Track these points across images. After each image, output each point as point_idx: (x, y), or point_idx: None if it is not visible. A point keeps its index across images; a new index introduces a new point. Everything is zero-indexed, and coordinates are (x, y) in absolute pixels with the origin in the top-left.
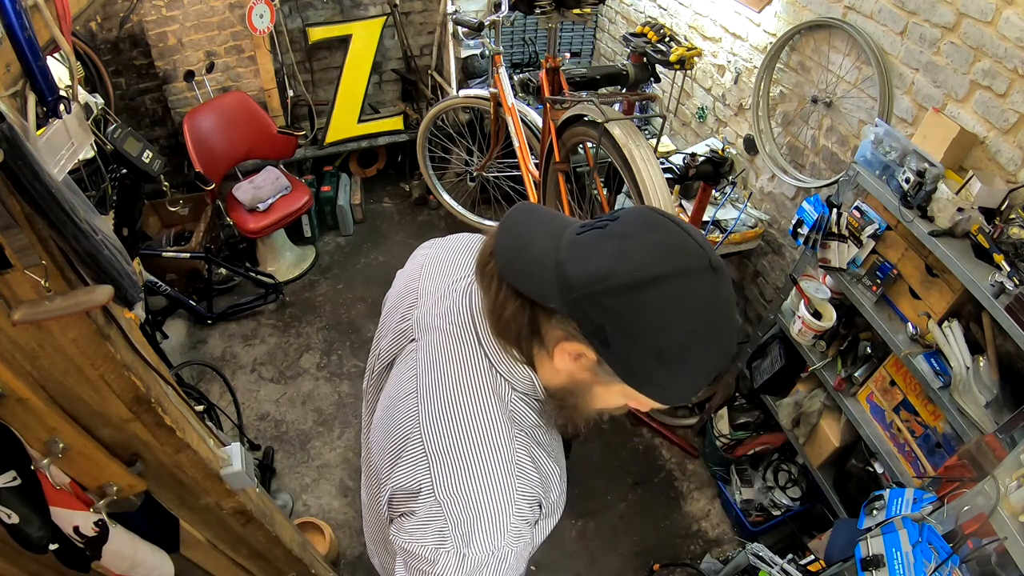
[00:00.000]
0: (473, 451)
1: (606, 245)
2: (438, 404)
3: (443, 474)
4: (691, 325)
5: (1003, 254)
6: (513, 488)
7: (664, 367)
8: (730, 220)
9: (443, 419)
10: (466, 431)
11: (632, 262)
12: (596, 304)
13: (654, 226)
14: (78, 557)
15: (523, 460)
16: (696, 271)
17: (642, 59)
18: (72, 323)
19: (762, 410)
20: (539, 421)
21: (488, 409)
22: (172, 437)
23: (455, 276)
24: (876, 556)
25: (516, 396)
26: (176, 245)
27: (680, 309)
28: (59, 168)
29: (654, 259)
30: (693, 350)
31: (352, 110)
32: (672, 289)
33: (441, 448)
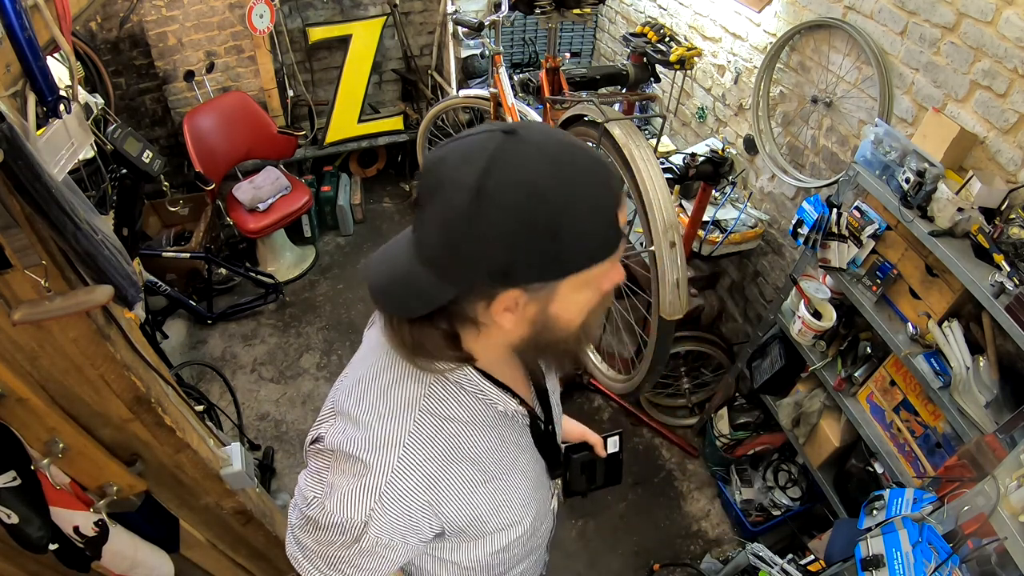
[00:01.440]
0: (367, 413)
1: (430, 211)
2: (355, 375)
3: (335, 427)
4: (540, 187)
5: (1003, 254)
6: (390, 449)
7: (562, 234)
8: (730, 220)
9: (353, 385)
10: (368, 397)
11: (457, 194)
12: (471, 255)
13: (444, 160)
14: (78, 557)
15: (413, 450)
16: (496, 149)
17: (642, 59)
18: (72, 323)
19: (762, 410)
20: (465, 415)
21: (400, 385)
22: (172, 437)
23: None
24: (876, 556)
25: (438, 384)
26: (176, 245)
27: (519, 186)
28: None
29: (465, 178)
30: (566, 199)
31: (352, 110)
32: (496, 181)
33: (342, 405)
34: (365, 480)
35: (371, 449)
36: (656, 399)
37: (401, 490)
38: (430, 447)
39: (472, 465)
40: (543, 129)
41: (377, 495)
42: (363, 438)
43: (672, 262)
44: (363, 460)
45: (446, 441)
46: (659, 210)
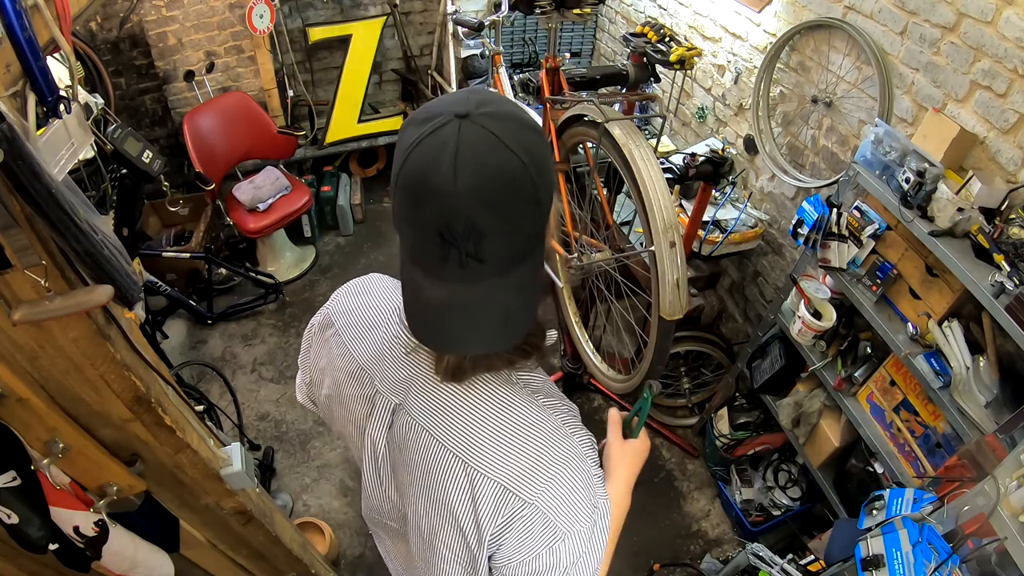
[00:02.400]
0: (522, 444)
1: (484, 226)
2: (467, 439)
3: (517, 482)
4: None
5: (1003, 254)
6: (571, 446)
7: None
8: (730, 220)
9: (483, 445)
10: (506, 436)
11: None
12: (529, 232)
13: (435, 171)
14: (78, 557)
15: (562, 415)
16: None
17: (642, 59)
18: (72, 323)
19: (762, 410)
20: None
21: (506, 399)
22: (172, 437)
23: (378, 325)
24: (876, 556)
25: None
26: (176, 245)
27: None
28: (59, 168)
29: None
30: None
31: (352, 110)
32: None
33: (498, 467)
34: (578, 485)
35: (562, 470)
36: (656, 399)
37: (596, 463)
38: (572, 420)
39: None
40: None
41: (592, 487)
42: (549, 468)
43: (672, 262)
44: (565, 482)
45: (559, 403)
46: (659, 210)
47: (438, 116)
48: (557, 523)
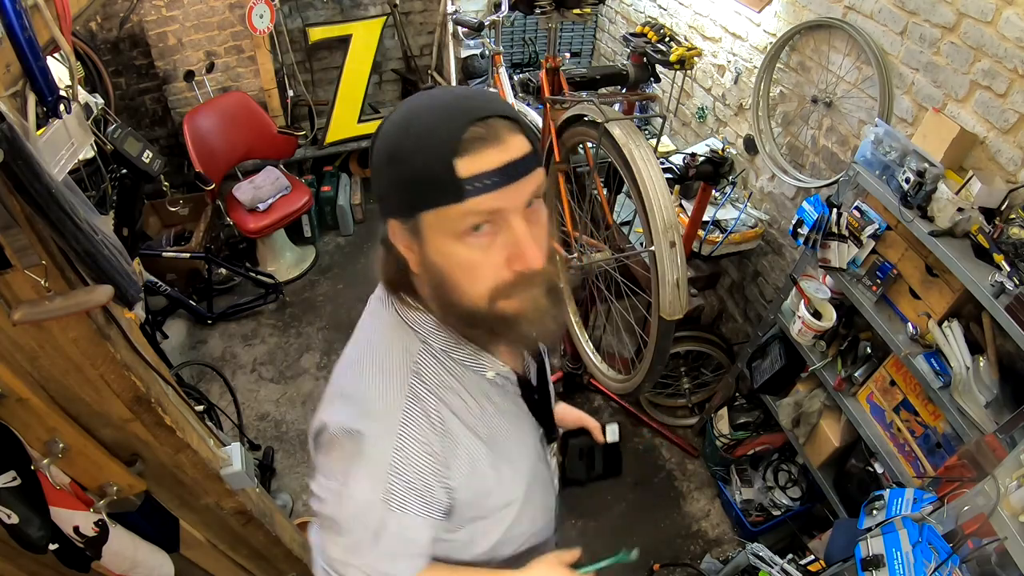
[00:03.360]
0: (363, 385)
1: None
2: (347, 358)
3: (334, 409)
4: (395, 122)
5: (1003, 254)
6: (393, 429)
7: (400, 167)
8: (730, 220)
9: (346, 367)
10: (361, 372)
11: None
12: (375, 188)
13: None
14: (78, 557)
15: (413, 412)
16: (402, 103)
17: (642, 59)
18: (72, 323)
19: (762, 410)
20: (457, 384)
21: (390, 355)
22: (172, 437)
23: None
24: (876, 556)
25: (427, 352)
26: (176, 245)
27: (390, 122)
28: (59, 168)
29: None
30: (407, 135)
31: (352, 110)
32: (387, 122)
33: (338, 388)
34: (374, 451)
35: (373, 419)
36: (656, 399)
37: (410, 454)
38: (429, 411)
39: (470, 431)
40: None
41: (388, 465)
42: (363, 410)
43: (672, 262)
44: (367, 432)
45: (439, 406)
46: (659, 210)
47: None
48: (320, 459)
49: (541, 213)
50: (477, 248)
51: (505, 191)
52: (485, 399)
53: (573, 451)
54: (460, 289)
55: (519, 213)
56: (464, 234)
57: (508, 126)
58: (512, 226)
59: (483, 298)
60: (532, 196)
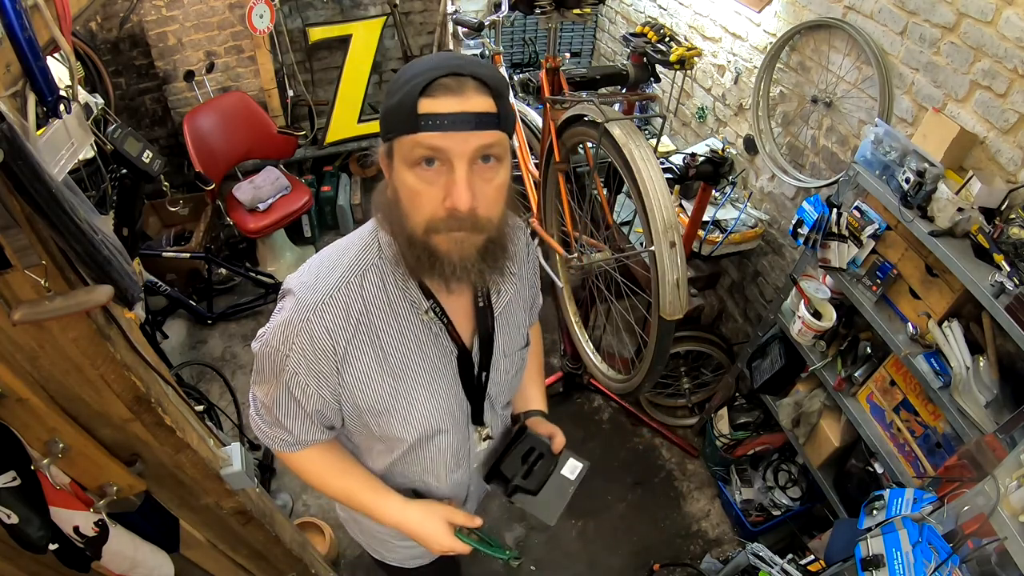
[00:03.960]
0: (315, 263)
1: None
2: (325, 247)
3: (293, 274)
4: (406, 65)
5: (1003, 254)
6: (315, 305)
7: (390, 97)
8: (730, 220)
9: (319, 252)
10: (323, 256)
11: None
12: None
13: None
14: (78, 557)
15: (337, 299)
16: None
17: (642, 59)
18: (72, 323)
19: (762, 410)
20: (389, 307)
21: (348, 252)
22: (172, 437)
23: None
24: (876, 556)
25: (378, 267)
26: (176, 245)
27: (403, 67)
28: (59, 168)
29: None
30: (402, 74)
31: (352, 110)
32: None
33: (305, 262)
34: (295, 312)
35: (305, 289)
36: (656, 399)
37: (317, 333)
38: (346, 311)
39: (378, 351)
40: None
41: (299, 327)
42: (303, 282)
43: (672, 262)
44: (297, 296)
45: (360, 315)
46: (659, 210)
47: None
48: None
49: (497, 174)
50: (423, 180)
51: (454, 136)
52: (412, 334)
53: (521, 449)
54: (405, 212)
55: (464, 159)
56: (415, 164)
57: (477, 86)
58: (454, 168)
59: (420, 226)
60: (483, 150)
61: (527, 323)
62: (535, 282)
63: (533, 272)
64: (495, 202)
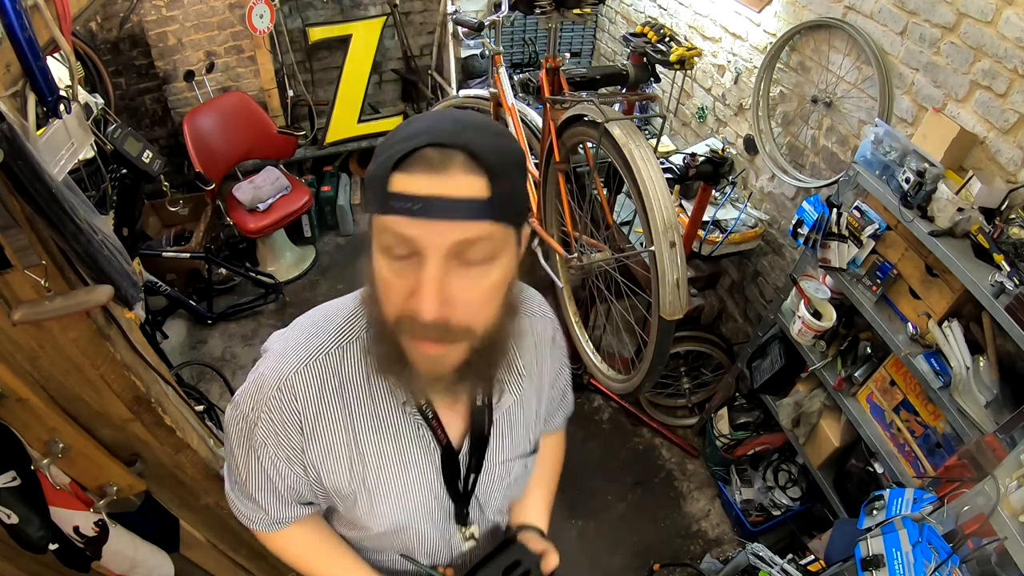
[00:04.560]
0: (299, 326)
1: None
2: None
3: (277, 332)
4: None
5: (1003, 254)
6: (288, 370)
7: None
8: (730, 220)
9: (309, 311)
10: (308, 317)
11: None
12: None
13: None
14: (78, 557)
15: (311, 370)
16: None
17: (642, 59)
18: (72, 323)
19: (762, 410)
20: (368, 389)
21: (332, 321)
22: (172, 437)
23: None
24: (876, 556)
25: (358, 343)
26: (176, 245)
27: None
28: (59, 168)
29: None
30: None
31: (352, 110)
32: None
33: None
34: (267, 376)
35: (284, 352)
36: (656, 399)
37: (285, 401)
38: (319, 383)
39: (349, 432)
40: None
41: (268, 393)
42: (285, 341)
43: (672, 262)
44: (275, 358)
45: (335, 391)
46: (659, 210)
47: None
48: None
49: (486, 275)
50: (393, 270)
51: (426, 224)
52: (390, 423)
53: (505, 560)
54: (377, 298)
55: (439, 255)
56: (386, 249)
57: (468, 164)
58: (424, 265)
59: (390, 318)
60: (463, 246)
61: (538, 428)
62: (560, 383)
63: (556, 372)
64: (481, 308)
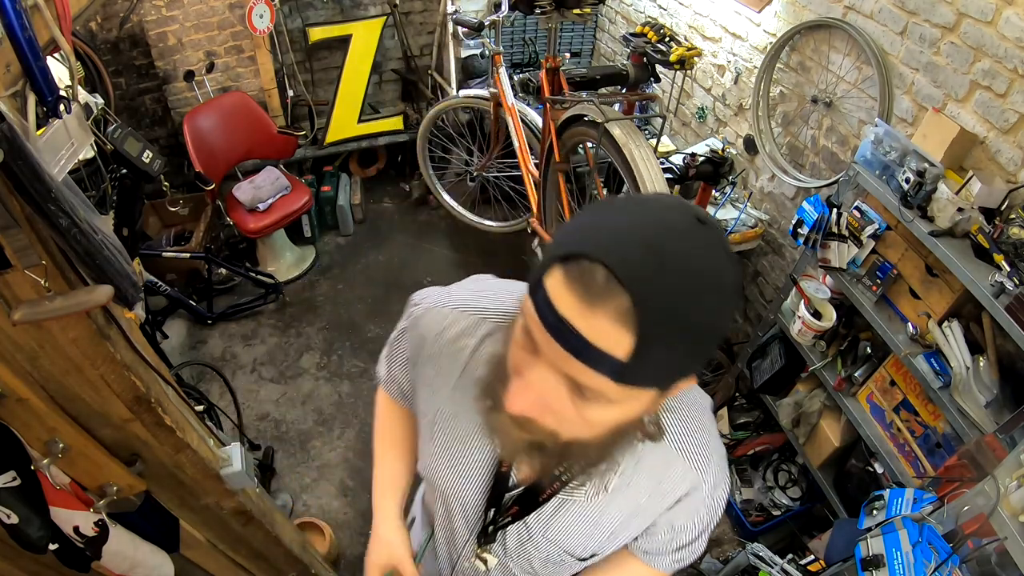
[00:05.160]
0: (478, 283)
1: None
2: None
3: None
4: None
5: (1003, 254)
6: (445, 304)
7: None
8: (730, 220)
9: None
10: (483, 277)
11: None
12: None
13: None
14: (78, 557)
15: (461, 315)
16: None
17: (642, 59)
18: (72, 323)
19: (762, 410)
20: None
21: (495, 291)
22: (172, 437)
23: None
24: (876, 556)
25: (495, 327)
26: (176, 245)
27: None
28: (59, 168)
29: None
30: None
31: (352, 110)
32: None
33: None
34: (453, 294)
35: (470, 291)
36: None
37: (433, 324)
38: (456, 335)
39: (448, 388)
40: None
41: (436, 306)
42: (474, 283)
43: None
44: (464, 288)
45: (464, 351)
46: None
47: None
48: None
49: (596, 410)
50: (516, 346)
51: (550, 340)
52: (465, 405)
53: None
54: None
55: (551, 370)
56: (520, 326)
57: (624, 316)
58: (532, 367)
59: (501, 381)
60: (579, 381)
61: (603, 543)
62: (678, 539)
63: (674, 526)
64: (575, 428)
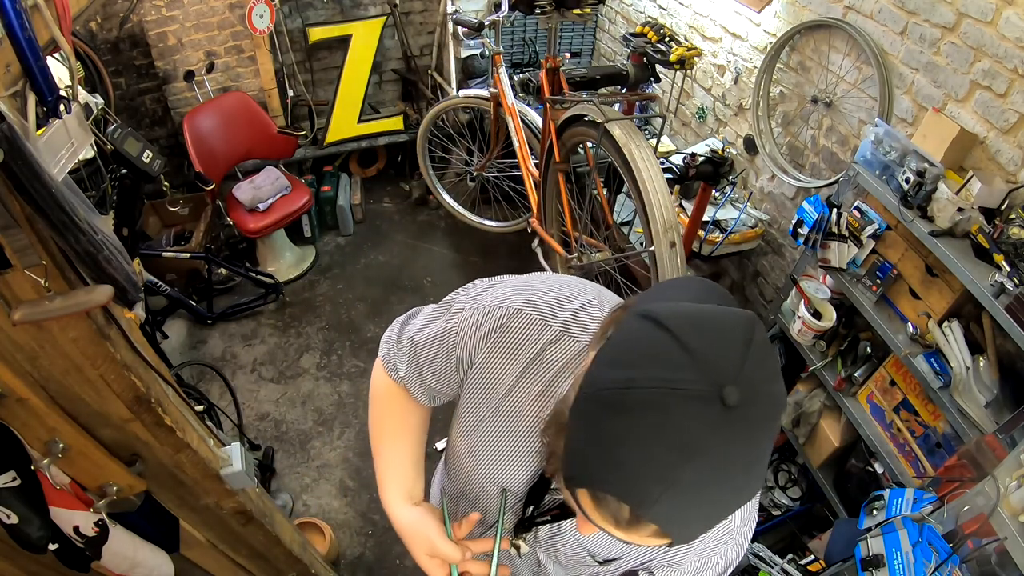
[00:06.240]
0: (542, 280)
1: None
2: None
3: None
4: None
5: (1003, 254)
6: (498, 306)
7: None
8: (730, 220)
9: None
10: (550, 279)
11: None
12: None
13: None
14: (78, 557)
15: (516, 318)
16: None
17: (642, 59)
18: (72, 323)
19: None
20: (532, 369)
21: (560, 293)
22: (172, 437)
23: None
24: (876, 556)
25: (565, 335)
26: (176, 245)
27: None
28: (59, 168)
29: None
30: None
31: (352, 110)
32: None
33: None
34: (504, 295)
35: (535, 292)
36: None
37: (491, 325)
38: (521, 338)
39: (492, 395)
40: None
41: (491, 309)
42: (542, 282)
43: (672, 262)
44: (526, 286)
45: (522, 356)
46: (659, 210)
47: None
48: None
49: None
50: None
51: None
52: (533, 416)
53: None
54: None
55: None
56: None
57: (653, 532)
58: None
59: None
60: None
61: (622, 553)
62: (708, 572)
63: (717, 551)
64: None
